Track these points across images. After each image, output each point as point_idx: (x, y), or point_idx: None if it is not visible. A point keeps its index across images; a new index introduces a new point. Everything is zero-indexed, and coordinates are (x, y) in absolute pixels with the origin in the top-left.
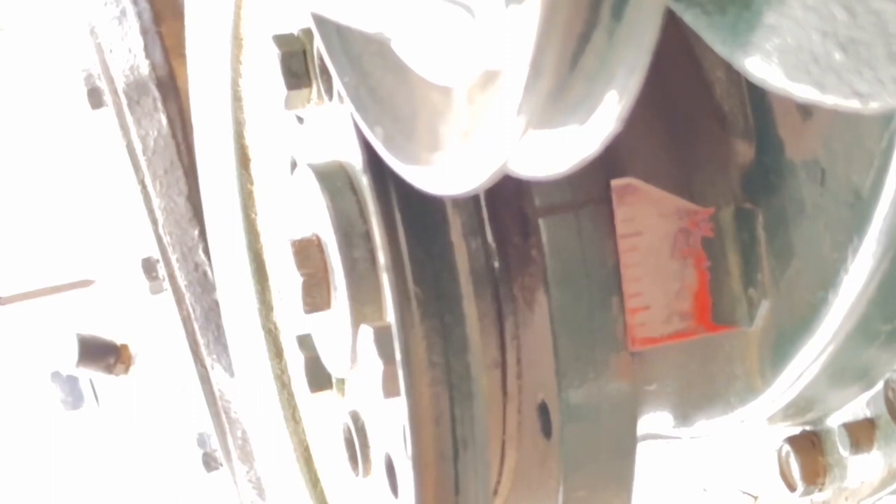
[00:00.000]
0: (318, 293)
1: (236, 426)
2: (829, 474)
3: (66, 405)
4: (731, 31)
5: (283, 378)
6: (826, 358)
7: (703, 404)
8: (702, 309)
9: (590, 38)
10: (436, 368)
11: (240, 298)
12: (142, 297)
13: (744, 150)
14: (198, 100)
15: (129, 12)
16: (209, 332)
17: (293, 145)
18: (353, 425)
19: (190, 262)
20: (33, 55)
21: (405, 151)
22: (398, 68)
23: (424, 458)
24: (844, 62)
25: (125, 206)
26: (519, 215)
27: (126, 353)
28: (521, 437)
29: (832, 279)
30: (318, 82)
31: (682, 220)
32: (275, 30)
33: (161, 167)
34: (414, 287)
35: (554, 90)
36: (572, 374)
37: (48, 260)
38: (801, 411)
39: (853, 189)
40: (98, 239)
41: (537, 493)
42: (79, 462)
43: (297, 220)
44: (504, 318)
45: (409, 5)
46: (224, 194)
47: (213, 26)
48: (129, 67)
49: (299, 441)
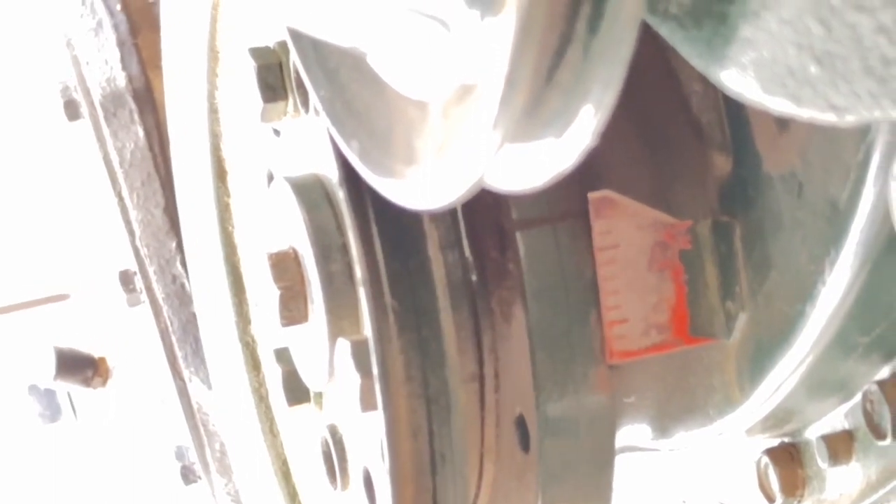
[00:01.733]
0: (295, 306)
1: (214, 439)
2: (807, 486)
3: (43, 418)
4: (706, 44)
5: (260, 391)
6: (804, 370)
7: (681, 416)
8: (679, 321)
9: (565, 53)
10: (413, 382)
11: (217, 311)
12: (119, 309)
13: (721, 163)
14: (174, 112)
15: (106, 24)
16: (187, 345)
17: (270, 158)
18: (331, 439)
19: (167, 274)
20: (9, 67)
21: (381, 165)
22: (374, 82)
23: (402, 472)
24: (820, 75)
25: (102, 219)
26: (496, 228)
27: (104, 365)
28: (499, 450)
29: (810, 291)
30: (294, 95)
31: (659, 233)
32: (251, 42)
33: (138, 179)
34: (391, 301)
35: (529, 104)
36: (550, 388)
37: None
38: (779, 423)
39: (830, 202)
40: (75, 251)
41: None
42: (57, 475)
43: (274, 233)
44: (482, 332)
45: (385, 20)
46: (201, 207)
47: (189, 39)
48: (106, 79)
49: (277, 454)
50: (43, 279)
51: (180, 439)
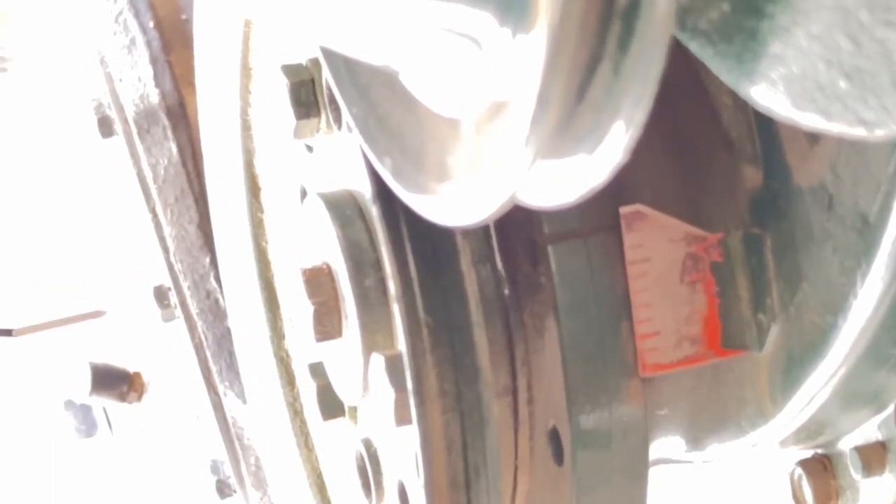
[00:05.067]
0: (329, 322)
1: (249, 453)
2: (841, 497)
3: (80, 433)
4: (736, 60)
5: (295, 406)
6: (836, 382)
7: (714, 429)
8: (712, 334)
9: (596, 71)
10: (447, 396)
11: (251, 326)
12: (154, 324)
13: (751, 176)
14: (207, 129)
15: (139, 41)
16: (221, 360)
17: (303, 174)
18: (365, 453)
19: (201, 289)
20: (44, 85)
21: (414, 182)
22: (406, 100)
23: (437, 486)
24: (849, 90)
25: (136, 235)
26: (528, 243)
27: (139, 380)
28: (532, 463)
29: (841, 303)
30: (326, 112)
31: (690, 246)
32: (283, 60)
33: (172, 195)
34: (425, 316)
35: (561, 122)
36: (583, 401)
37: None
38: (812, 435)
39: (860, 214)
40: (110, 268)
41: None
42: (93, 490)
43: (308, 249)
44: (514, 346)
45: (416, 38)
46: (235, 223)
47: (222, 56)
48: (139, 96)
49: (312, 468)
50: (78, 296)
51: (215, 453)
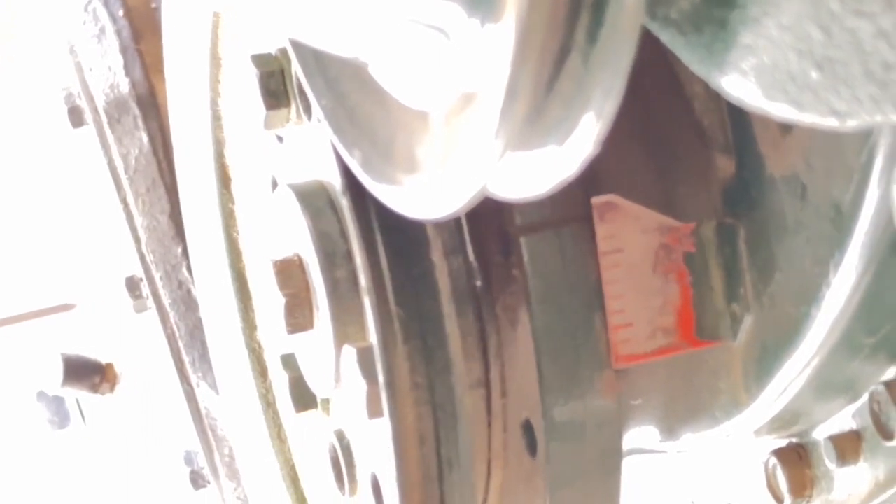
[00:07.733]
0: (300, 313)
1: (223, 444)
2: (816, 486)
3: (52, 425)
4: (707, 50)
5: (267, 397)
6: (810, 371)
7: (688, 418)
8: (685, 324)
9: (565, 62)
10: (419, 389)
11: (223, 317)
12: (126, 315)
13: (724, 165)
14: (177, 119)
15: (109, 30)
16: (194, 350)
17: (273, 164)
18: (338, 445)
19: (174, 280)
20: (13, 75)
21: (383, 174)
22: (375, 91)
23: (410, 479)
24: (821, 81)
25: (108, 225)
26: (500, 234)
27: (111, 371)
28: (506, 455)
29: (815, 293)
30: (296, 102)
31: (663, 236)
32: (253, 49)
33: (143, 185)
34: (396, 308)
35: (531, 113)
36: (556, 393)
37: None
38: (786, 424)
39: (834, 204)
40: (81, 258)
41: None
42: (66, 481)
43: (279, 240)
44: (487, 338)
45: (385, 30)
46: (206, 213)
47: (192, 46)
48: (109, 86)
49: (285, 460)
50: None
51: (189, 444)
